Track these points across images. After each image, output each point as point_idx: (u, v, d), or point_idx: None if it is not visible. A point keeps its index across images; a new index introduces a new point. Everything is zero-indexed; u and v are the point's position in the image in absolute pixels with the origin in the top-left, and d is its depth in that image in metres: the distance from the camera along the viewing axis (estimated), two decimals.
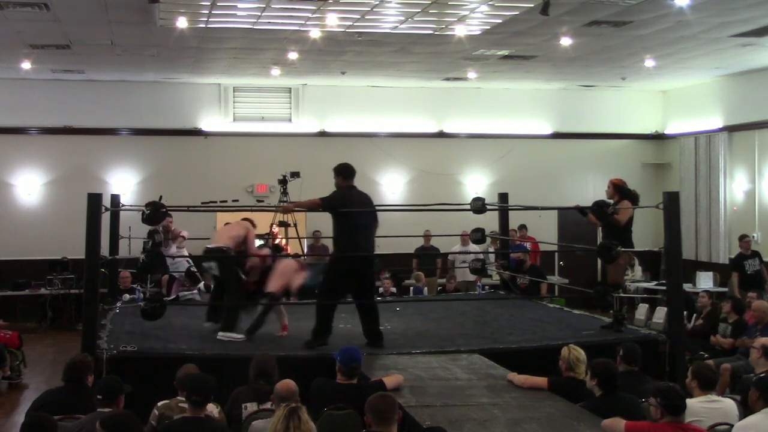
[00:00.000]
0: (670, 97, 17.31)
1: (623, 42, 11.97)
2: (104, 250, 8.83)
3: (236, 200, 13.33)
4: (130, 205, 11.23)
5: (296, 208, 9.68)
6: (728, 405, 5.62)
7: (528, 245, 14.54)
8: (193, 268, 12.24)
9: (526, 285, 12.31)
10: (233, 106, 16.07)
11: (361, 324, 8.11)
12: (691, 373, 5.75)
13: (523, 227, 14.71)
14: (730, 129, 15.39)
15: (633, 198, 8.92)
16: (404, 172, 16.55)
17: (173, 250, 12.12)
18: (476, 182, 16.64)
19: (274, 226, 12.88)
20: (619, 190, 8.92)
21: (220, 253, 8.62)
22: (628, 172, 15.21)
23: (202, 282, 11.89)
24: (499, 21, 10.65)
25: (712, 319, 10.03)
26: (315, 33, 11.12)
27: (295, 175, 13.45)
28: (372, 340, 7.99)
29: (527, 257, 13.00)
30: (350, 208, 7.98)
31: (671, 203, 8.20)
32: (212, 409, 5.39)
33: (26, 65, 13.49)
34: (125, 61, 13.35)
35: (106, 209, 8.35)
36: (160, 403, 5.66)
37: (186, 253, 12.46)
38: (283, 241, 12.12)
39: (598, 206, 8.64)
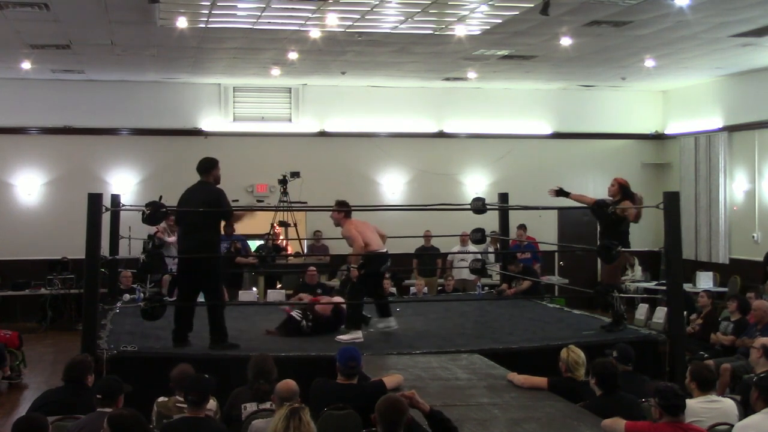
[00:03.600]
0: (670, 97, 17.31)
1: (623, 42, 11.97)
2: (104, 250, 8.83)
3: (236, 200, 13.33)
4: (130, 205, 11.23)
5: None
6: (728, 405, 5.62)
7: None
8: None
9: (520, 290, 12.31)
10: (233, 106, 16.07)
11: None
12: (690, 374, 5.75)
13: (522, 227, 14.72)
14: (730, 129, 15.39)
15: (634, 200, 8.90)
16: (404, 172, 16.55)
17: (173, 247, 12.08)
18: (476, 182, 16.64)
19: (275, 225, 12.90)
20: (623, 190, 8.89)
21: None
22: (628, 172, 15.18)
23: None
24: (499, 21, 10.65)
25: (712, 319, 10.04)
26: (315, 33, 11.12)
27: (295, 175, 13.46)
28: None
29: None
30: None
31: (671, 203, 8.20)
32: (213, 405, 5.41)
33: (26, 65, 13.49)
34: (125, 61, 13.35)
35: (106, 209, 8.35)
36: (159, 400, 5.67)
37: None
38: (284, 241, 12.16)
39: (599, 206, 8.65)
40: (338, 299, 9.45)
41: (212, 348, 7.80)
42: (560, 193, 9.29)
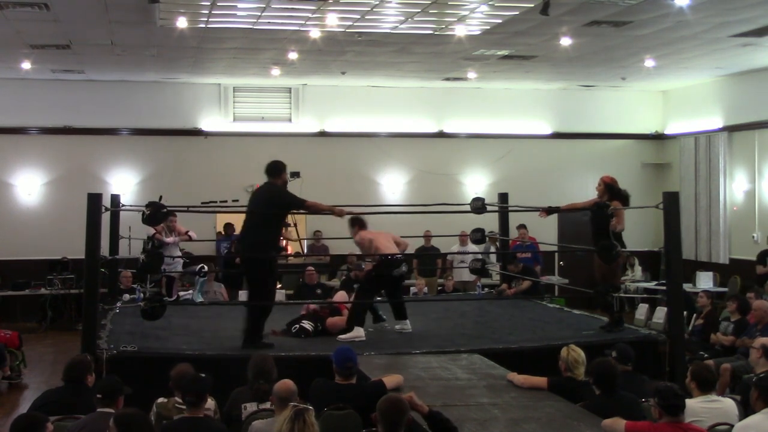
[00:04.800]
0: (670, 97, 17.31)
1: (623, 42, 11.97)
2: (104, 250, 8.84)
3: (236, 200, 13.31)
4: (130, 205, 11.23)
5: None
6: (728, 405, 5.62)
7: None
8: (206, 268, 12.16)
9: (520, 290, 12.32)
10: (233, 106, 16.08)
11: None
12: (690, 374, 5.75)
13: (522, 227, 14.73)
14: (730, 129, 15.39)
15: (623, 199, 8.75)
16: (404, 172, 16.55)
17: (171, 248, 12.06)
18: (476, 182, 16.64)
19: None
20: (610, 189, 8.78)
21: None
22: (628, 172, 15.25)
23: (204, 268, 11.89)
24: (499, 21, 10.65)
25: (713, 319, 10.03)
26: (315, 33, 11.12)
27: (295, 175, 13.36)
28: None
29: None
30: None
31: (671, 203, 8.20)
32: (211, 405, 5.41)
33: (26, 65, 13.49)
34: (125, 61, 13.35)
35: (106, 209, 8.36)
36: (158, 401, 5.67)
37: (179, 252, 12.40)
38: (284, 241, 12.14)
39: (599, 207, 8.64)
40: (341, 294, 9.50)
41: (245, 347, 7.79)
42: (551, 211, 9.36)
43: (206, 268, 11.96)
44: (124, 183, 15.29)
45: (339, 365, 5.69)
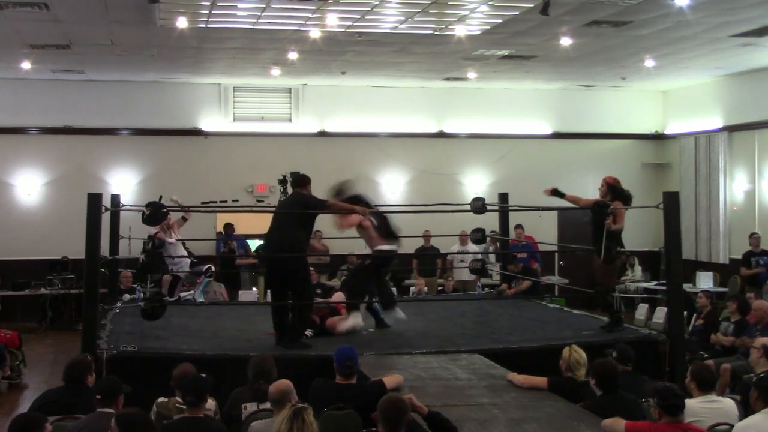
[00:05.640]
0: (670, 97, 17.31)
1: (623, 42, 11.97)
2: (104, 250, 8.83)
3: (236, 200, 13.35)
4: (130, 205, 11.23)
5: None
6: (728, 405, 5.62)
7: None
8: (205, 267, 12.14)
9: (520, 290, 12.32)
10: (233, 106, 16.07)
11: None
12: (690, 374, 5.75)
13: (519, 227, 14.76)
14: (730, 129, 15.39)
15: (625, 199, 8.75)
16: (404, 172, 16.55)
17: (174, 247, 12.03)
18: (476, 182, 16.64)
19: None
20: (613, 189, 8.78)
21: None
22: (628, 172, 15.23)
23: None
24: (499, 21, 10.65)
25: (713, 320, 10.03)
26: (315, 33, 11.12)
27: (295, 175, 13.43)
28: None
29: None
30: None
31: (671, 203, 8.20)
32: (212, 405, 5.41)
33: (26, 65, 13.49)
34: (125, 61, 13.35)
35: (106, 209, 8.36)
36: (159, 400, 5.67)
37: (182, 248, 12.38)
38: None
39: (599, 206, 8.63)
40: (339, 295, 9.50)
41: (282, 346, 7.82)
42: (555, 192, 9.31)
43: (213, 268, 11.96)
44: (124, 183, 15.29)
45: (340, 365, 5.69)
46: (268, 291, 9.58)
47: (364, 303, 9.04)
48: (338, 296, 9.68)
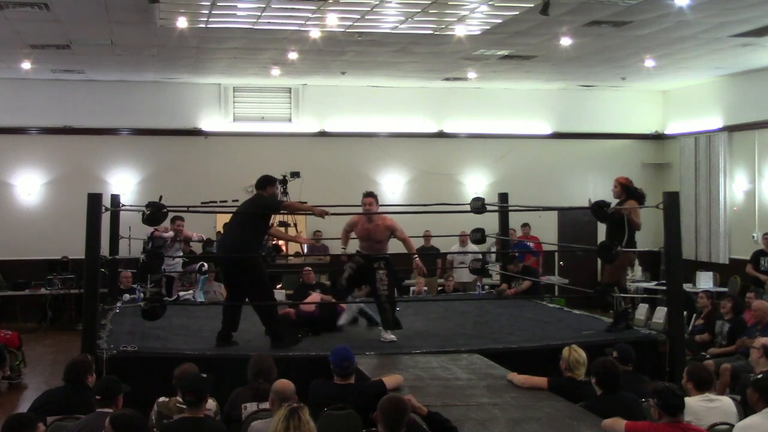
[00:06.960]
0: (670, 97, 17.31)
1: (623, 42, 11.97)
2: (104, 250, 8.83)
3: (236, 200, 13.29)
4: (130, 205, 11.23)
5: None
6: (726, 404, 5.63)
7: (531, 245, 14.56)
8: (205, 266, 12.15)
9: (520, 290, 12.31)
10: (233, 106, 16.07)
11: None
12: (686, 374, 5.76)
13: (525, 225, 14.75)
14: (730, 129, 15.39)
15: (639, 197, 8.89)
16: (404, 172, 16.55)
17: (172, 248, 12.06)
18: (476, 182, 16.64)
19: (273, 225, 12.86)
20: (626, 189, 8.93)
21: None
22: (628, 172, 15.05)
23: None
24: (499, 21, 10.65)
25: (713, 320, 10.03)
26: (315, 33, 11.12)
27: (295, 175, 13.47)
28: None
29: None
30: None
31: (671, 203, 8.21)
32: (212, 405, 5.41)
33: (26, 65, 13.49)
34: (125, 61, 13.35)
35: (106, 209, 8.37)
36: (159, 400, 5.67)
37: (180, 252, 12.39)
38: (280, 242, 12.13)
39: (598, 206, 8.64)
40: (320, 296, 9.52)
41: (278, 348, 7.82)
42: None
43: (206, 265, 11.97)
44: (124, 183, 15.28)
45: (336, 365, 5.67)
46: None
47: (351, 303, 9.10)
48: (315, 297, 9.63)
